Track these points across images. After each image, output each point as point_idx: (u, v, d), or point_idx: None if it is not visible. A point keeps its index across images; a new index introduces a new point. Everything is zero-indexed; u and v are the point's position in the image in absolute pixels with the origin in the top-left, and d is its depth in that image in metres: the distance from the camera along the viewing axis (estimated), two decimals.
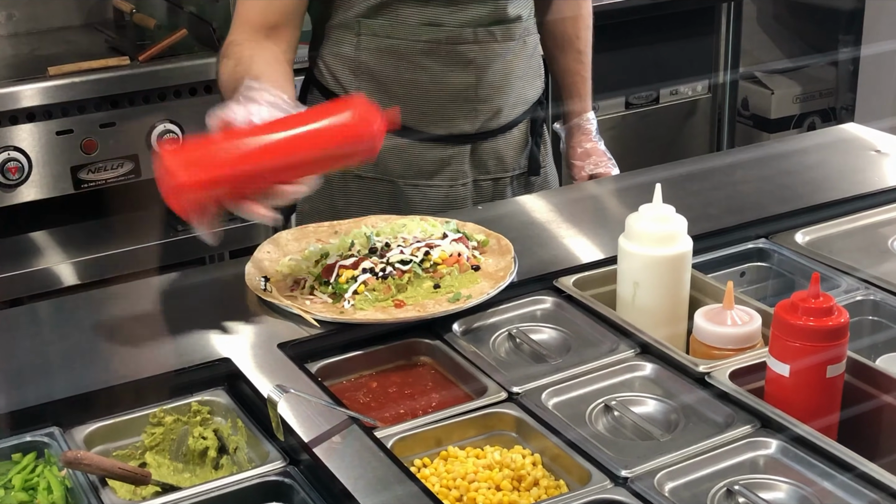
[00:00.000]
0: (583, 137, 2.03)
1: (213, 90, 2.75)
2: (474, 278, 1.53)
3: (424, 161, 1.81)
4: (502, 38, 1.79)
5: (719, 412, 1.26)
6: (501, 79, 1.82)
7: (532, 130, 1.92)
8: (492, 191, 1.89)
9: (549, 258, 1.62)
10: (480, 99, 1.79)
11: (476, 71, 1.78)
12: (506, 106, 1.84)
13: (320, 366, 1.39)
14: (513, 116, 1.86)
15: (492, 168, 1.88)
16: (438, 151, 1.81)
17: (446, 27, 1.74)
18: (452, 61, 1.76)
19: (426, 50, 1.75)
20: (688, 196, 1.76)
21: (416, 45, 1.74)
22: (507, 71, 1.82)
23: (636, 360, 1.37)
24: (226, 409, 1.33)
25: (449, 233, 1.59)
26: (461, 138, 1.82)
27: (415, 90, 1.77)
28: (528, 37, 1.87)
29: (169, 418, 1.30)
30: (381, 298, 1.47)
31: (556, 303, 1.52)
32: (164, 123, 2.69)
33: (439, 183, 1.83)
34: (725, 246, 1.64)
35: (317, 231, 1.68)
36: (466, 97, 1.79)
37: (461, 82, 1.78)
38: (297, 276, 1.55)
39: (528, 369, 1.37)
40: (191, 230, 2.72)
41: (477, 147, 1.84)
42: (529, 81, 1.89)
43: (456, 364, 1.39)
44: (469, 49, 1.76)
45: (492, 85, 1.80)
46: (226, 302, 1.53)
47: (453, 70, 1.77)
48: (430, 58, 1.75)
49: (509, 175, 1.90)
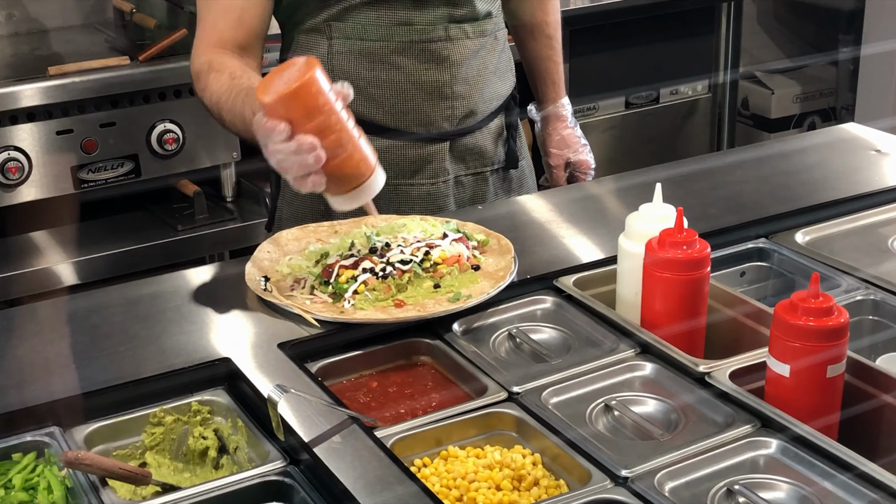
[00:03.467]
0: (559, 124, 2.04)
1: None
2: (474, 278, 1.53)
3: (404, 161, 1.82)
4: (474, 34, 1.80)
5: (719, 412, 1.26)
6: (476, 74, 1.83)
7: (507, 124, 1.94)
8: (472, 186, 1.90)
9: (549, 258, 1.62)
10: (456, 96, 1.81)
11: (451, 68, 1.79)
12: (481, 101, 1.86)
13: (320, 365, 1.39)
14: (488, 111, 1.88)
15: (471, 164, 1.89)
16: (418, 150, 1.82)
17: (417, 25, 1.75)
18: (426, 59, 1.77)
19: (399, 49, 1.75)
20: (688, 196, 1.76)
21: (388, 45, 1.75)
22: (480, 66, 1.83)
23: (636, 359, 1.37)
24: (226, 408, 1.33)
25: (449, 232, 1.59)
26: (439, 136, 1.83)
27: (391, 90, 1.77)
28: (499, 31, 1.88)
29: (169, 418, 1.30)
30: (382, 298, 1.47)
31: (556, 302, 1.52)
32: (164, 123, 2.69)
33: (420, 181, 1.84)
34: (725, 246, 1.64)
35: (317, 231, 1.68)
36: (443, 94, 1.79)
37: (436, 80, 1.78)
38: (298, 276, 1.55)
39: (528, 369, 1.37)
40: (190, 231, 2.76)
41: (455, 143, 1.85)
42: (502, 76, 1.90)
43: (456, 364, 1.39)
44: (442, 46, 1.77)
45: (466, 81, 1.81)
46: (226, 302, 1.53)
47: (428, 68, 1.77)
48: (405, 56, 1.76)
49: (489, 169, 1.91)
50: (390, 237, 1.59)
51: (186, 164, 2.76)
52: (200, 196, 2.80)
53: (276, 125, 1.32)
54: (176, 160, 2.73)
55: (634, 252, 1.42)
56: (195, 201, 2.79)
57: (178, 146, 2.71)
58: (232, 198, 2.93)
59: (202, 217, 2.80)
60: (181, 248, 2.75)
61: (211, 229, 2.80)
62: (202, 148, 2.78)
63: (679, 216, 1.39)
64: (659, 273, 1.37)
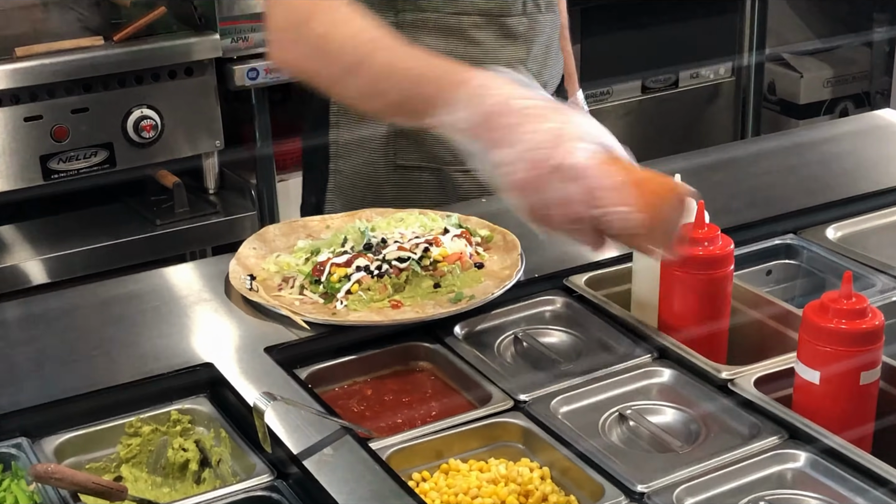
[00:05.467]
0: None
1: (195, 72, 2.76)
2: (478, 277, 1.53)
3: None
4: (546, 9, 1.84)
5: (743, 422, 1.26)
6: (545, 52, 1.87)
7: None
8: None
9: (558, 255, 1.62)
10: (530, 73, 1.82)
11: (525, 44, 1.82)
12: (549, 81, 1.89)
13: (310, 371, 1.40)
14: (551, 92, 1.89)
15: None
16: None
17: None
18: (503, 34, 1.80)
19: (477, 23, 1.77)
20: (710, 188, 1.76)
21: (464, 18, 1.76)
22: (548, 44, 1.87)
23: (653, 365, 1.37)
24: (208, 418, 1.33)
25: (450, 227, 1.60)
26: None
27: None
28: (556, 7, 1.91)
29: (146, 428, 1.31)
30: (377, 299, 1.48)
31: (566, 303, 1.52)
32: (140, 109, 2.69)
33: None
34: (750, 242, 1.64)
35: (306, 225, 1.68)
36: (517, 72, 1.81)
37: (512, 55, 1.81)
38: (286, 275, 1.55)
39: (535, 375, 1.37)
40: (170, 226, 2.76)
41: None
42: (559, 56, 1.94)
43: (458, 370, 1.39)
44: (518, 21, 1.80)
45: (537, 58, 1.85)
46: (208, 302, 1.53)
47: (504, 43, 1.80)
48: (482, 31, 1.78)
49: None
50: (386, 232, 1.59)
51: (165, 154, 2.77)
52: (180, 187, 2.81)
53: None
54: (154, 149, 2.74)
55: None
56: (175, 193, 2.80)
57: (156, 133, 2.72)
58: (215, 190, 2.93)
59: (182, 210, 2.81)
60: (160, 244, 2.76)
61: (192, 224, 2.81)
62: (182, 135, 2.78)
63: (700, 210, 1.39)
64: (678, 271, 1.37)
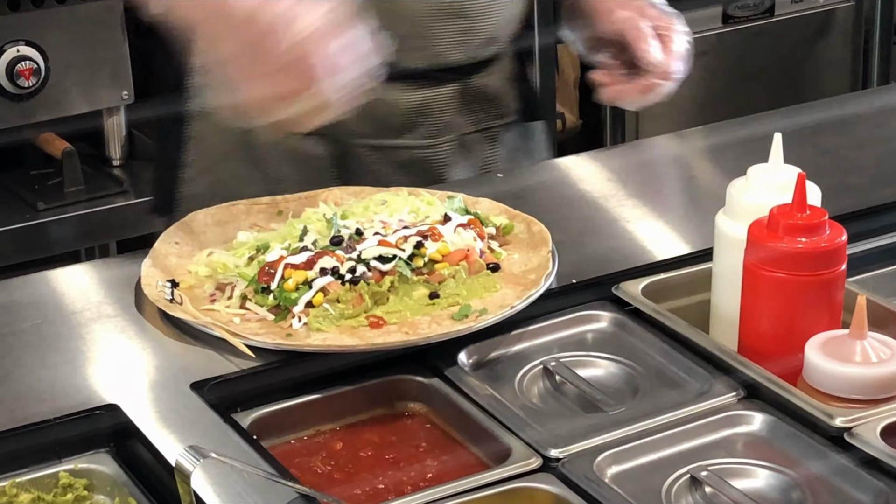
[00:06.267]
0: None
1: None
2: (491, 284, 1.53)
3: (395, 111, 1.84)
4: None
5: (866, 487, 1.26)
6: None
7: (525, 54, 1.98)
8: (481, 147, 1.94)
9: (605, 252, 1.62)
10: (471, 15, 1.82)
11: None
12: (500, 25, 1.88)
13: (256, 417, 1.40)
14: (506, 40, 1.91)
15: (481, 115, 1.92)
16: (414, 94, 1.85)
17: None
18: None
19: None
20: (819, 157, 1.77)
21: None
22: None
23: (739, 408, 1.37)
24: (112, 482, 1.33)
25: (452, 214, 1.60)
26: (445, 73, 1.85)
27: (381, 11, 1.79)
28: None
29: (25, 496, 1.31)
30: (349, 314, 1.48)
31: (615, 320, 1.53)
32: (17, 45, 2.69)
33: (411, 142, 1.86)
34: (874, 235, 1.65)
35: (250, 210, 1.69)
36: (454, 12, 1.82)
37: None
38: (221, 280, 1.55)
39: (573, 422, 1.37)
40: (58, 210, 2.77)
41: (466, 85, 1.88)
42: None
43: (463, 414, 1.39)
44: None
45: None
46: (112, 319, 1.53)
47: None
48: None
49: (503, 122, 1.95)
50: (363, 220, 1.59)
51: (51, 110, 2.77)
52: (73, 157, 2.81)
53: None
54: (34, 103, 2.74)
55: (741, 239, 1.42)
56: (65, 166, 2.80)
57: (38, 81, 2.72)
58: (121, 160, 2.94)
59: (75, 189, 2.81)
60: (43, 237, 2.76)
61: (89, 208, 2.81)
62: (75, 84, 2.78)
63: (800, 184, 1.38)
64: (767, 271, 1.37)
